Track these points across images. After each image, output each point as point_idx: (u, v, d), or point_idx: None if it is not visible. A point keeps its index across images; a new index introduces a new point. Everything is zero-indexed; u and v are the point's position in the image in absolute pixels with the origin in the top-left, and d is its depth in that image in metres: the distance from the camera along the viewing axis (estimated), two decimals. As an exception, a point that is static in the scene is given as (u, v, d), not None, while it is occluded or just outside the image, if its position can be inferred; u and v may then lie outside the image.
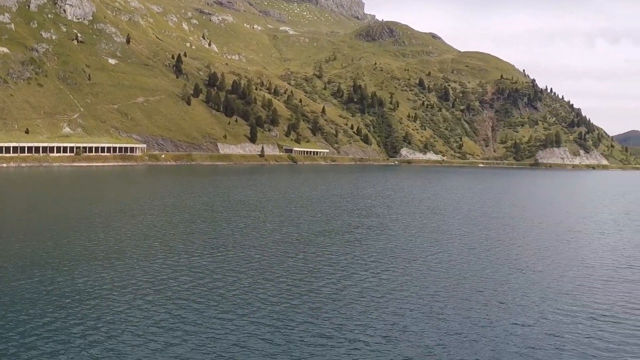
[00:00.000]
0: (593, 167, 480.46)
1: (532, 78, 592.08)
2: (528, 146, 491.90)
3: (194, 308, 35.71)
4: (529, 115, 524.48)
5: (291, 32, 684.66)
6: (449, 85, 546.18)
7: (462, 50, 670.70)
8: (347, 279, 44.95)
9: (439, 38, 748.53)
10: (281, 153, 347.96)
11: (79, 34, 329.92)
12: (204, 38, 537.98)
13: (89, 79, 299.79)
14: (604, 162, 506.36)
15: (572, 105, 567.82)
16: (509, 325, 34.20)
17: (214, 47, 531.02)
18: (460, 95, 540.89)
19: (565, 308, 38.10)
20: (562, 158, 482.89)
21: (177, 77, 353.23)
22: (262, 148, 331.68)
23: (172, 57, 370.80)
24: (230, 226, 70.24)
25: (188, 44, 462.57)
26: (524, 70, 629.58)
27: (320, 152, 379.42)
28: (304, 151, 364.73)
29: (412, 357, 28.67)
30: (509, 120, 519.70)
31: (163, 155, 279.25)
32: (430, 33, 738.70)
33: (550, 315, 36.45)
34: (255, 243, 58.76)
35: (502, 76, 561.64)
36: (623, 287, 44.76)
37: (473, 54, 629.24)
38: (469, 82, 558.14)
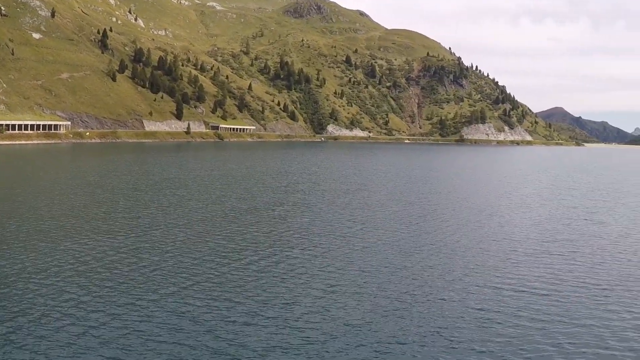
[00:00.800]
0: (517, 143, 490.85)
1: (458, 56, 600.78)
2: (453, 122, 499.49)
3: (116, 289, 34.73)
4: (455, 92, 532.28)
5: (219, 8, 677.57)
6: (375, 62, 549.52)
7: (389, 28, 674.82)
8: (271, 256, 44.44)
9: (367, 15, 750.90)
10: (207, 130, 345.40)
11: (2, 7, 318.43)
12: (130, 13, 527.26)
13: (13, 54, 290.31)
14: (528, 137, 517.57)
15: (497, 82, 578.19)
16: (433, 301, 34.15)
17: (140, 22, 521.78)
18: (387, 72, 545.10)
19: (490, 282, 38.27)
20: (487, 134, 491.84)
21: (102, 53, 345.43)
22: (189, 125, 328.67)
23: (98, 32, 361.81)
24: (154, 205, 69.04)
25: (114, 19, 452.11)
26: (450, 48, 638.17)
27: (246, 129, 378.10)
28: (231, 128, 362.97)
29: (334, 336, 28.38)
30: (435, 97, 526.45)
31: (88, 133, 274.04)
32: (357, 10, 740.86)
33: (475, 289, 36.55)
34: (179, 222, 57.83)
35: (428, 54, 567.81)
36: (547, 261, 45.30)
37: (400, 31, 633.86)
38: (395, 59, 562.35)
